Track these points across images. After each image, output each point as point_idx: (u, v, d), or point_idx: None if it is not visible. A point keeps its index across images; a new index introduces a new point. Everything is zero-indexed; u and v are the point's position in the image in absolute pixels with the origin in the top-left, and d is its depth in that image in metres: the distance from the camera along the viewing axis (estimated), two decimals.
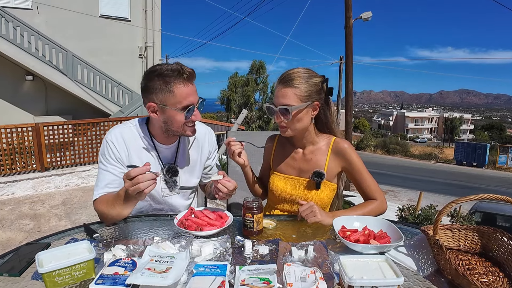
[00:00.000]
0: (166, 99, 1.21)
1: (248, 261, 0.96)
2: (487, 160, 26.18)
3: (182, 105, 1.21)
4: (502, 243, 0.97)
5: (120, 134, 1.31)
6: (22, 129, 6.03)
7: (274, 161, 1.50)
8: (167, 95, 1.20)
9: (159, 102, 1.22)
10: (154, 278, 0.80)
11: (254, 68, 33.60)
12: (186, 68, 1.21)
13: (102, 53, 10.15)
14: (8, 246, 3.86)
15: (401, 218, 5.05)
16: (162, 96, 1.21)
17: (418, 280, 0.88)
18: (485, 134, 59.44)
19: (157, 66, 1.24)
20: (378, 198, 1.35)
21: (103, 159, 1.30)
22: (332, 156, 1.39)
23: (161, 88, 1.20)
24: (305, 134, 1.38)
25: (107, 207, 1.19)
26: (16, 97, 9.46)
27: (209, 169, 1.57)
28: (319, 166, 1.37)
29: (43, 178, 6.14)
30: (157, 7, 11.43)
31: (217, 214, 1.20)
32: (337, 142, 1.39)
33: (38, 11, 9.49)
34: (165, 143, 1.38)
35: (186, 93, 1.21)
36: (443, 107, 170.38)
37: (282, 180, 1.44)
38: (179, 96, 1.20)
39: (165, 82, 1.19)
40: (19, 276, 0.88)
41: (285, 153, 1.47)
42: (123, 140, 1.31)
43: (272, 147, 1.52)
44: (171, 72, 1.19)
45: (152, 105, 1.24)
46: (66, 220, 4.75)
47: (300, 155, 1.43)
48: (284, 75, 1.32)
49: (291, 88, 1.28)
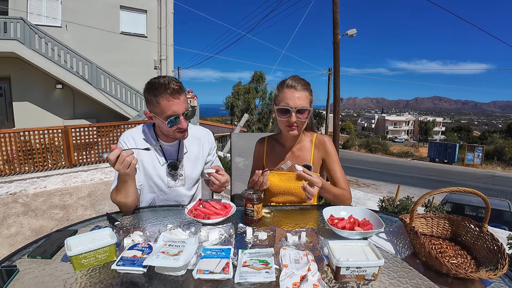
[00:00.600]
0: (154, 109, 1.25)
1: (249, 245, 0.96)
2: (456, 158, 26.19)
3: (166, 115, 1.23)
4: (470, 229, 0.97)
5: (131, 135, 1.36)
6: (53, 131, 6.03)
7: (267, 161, 1.49)
8: (155, 106, 1.24)
9: (150, 110, 1.28)
10: (168, 260, 0.80)
11: (255, 78, 33.54)
12: (172, 83, 1.22)
13: (122, 65, 10.16)
14: (41, 233, 3.86)
15: (382, 208, 5.04)
16: (152, 107, 1.26)
17: (397, 261, 0.89)
18: (455, 135, 59.32)
19: (152, 79, 1.25)
20: (346, 189, 1.34)
21: None
22: (315, 150, 1.40)
23: (151, 100, 1.24)
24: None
25: (116, 195, 1.20)
26: (47, 103, 9.48)
27: (211, 164, 1.58)
28: (306, 160, 1.38)
29: (71, 173, 6.13)
30: (170, 25, 11.43)
31: (222, 205, 1.20)
32: (318, 137, 1.41)
33: (67, 29, 9.51)
34: (167, 142, 1.40)
35: (169, 106, 1.22)
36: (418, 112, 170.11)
37: (275, 176, 1.43)
38: (164, 107, 1.22)
39: (154, 95, 1.22)
40: (50, 258, 0.88)
41: (275, 152, 1.46)
42: (133, 140, 1.34)
43: (263, 148, 1.50)
44: (159, 85, 1.21)
45: (147, 112, 1.30)
46: (91, 210, 4.74)
47: (289, 153, 1.43)
48: (291, 81, 1.30)
49: (304, 91, 1.28)
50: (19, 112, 9.10)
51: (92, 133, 6.57)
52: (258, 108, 33.60)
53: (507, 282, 0.79)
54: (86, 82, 8.97)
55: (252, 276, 0.78)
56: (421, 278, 0.80)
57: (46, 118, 9.22)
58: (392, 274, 0.82)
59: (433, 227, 1.07)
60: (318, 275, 0.76)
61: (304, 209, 1.30)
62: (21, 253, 0.91)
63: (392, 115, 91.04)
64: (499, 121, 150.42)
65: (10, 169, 5.61)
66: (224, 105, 36.19)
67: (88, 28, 9.44)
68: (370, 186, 15.44)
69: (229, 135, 7.86)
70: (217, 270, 0.79)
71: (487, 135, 52.38)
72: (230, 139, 2.05)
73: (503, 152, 29.24)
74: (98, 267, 0.85)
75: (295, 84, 1.28)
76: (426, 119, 72.72)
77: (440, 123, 76.87)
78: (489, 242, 0.88)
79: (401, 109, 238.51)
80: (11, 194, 5.42)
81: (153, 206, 1.35)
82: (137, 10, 10.81)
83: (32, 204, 4.95)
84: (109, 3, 10.12)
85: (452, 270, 0.76)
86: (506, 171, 23.90)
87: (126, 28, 10.61)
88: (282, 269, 0.79)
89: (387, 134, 71.25)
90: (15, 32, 7.90)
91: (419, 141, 60.76)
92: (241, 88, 34.30)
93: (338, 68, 9.52)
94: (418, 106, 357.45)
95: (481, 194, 0.89)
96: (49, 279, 0.79)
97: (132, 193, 1.20)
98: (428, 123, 65.93)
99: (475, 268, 0.86)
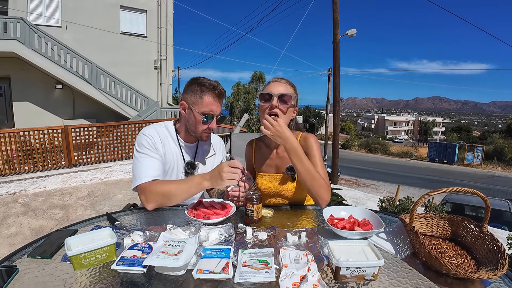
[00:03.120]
0: (195, 102, 1.29)
1: (249, 245, 0.96)
2: (456, 158, 26.21)
3: (204, 111, 1.28)
4: (469, 229, 0.97)
5: (156, 131, 1.37)
6: (53, 131, 6.03)
7: (256, 163, 1.49)
8: (197, 99, 1.29)
9: (190, 102, 1.31)
10: (168, 260, 0.80)
11: (255, 78, 33.57)
12: (220, 87, 1.31)
13: (122, 65, 10.16)
14: (40, 232, 3.86)
15: (382, 208, 5.04)
16: (193, 99, 1.30)
17: (397, 262, 0.88)
18: (455, 135, 59.36)
19: (201, 78, 1.32)
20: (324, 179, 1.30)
21: (143, 149, 1.29)
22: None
23: (195, 93, 1.29)
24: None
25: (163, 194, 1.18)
26: (47, 103, 9.48)
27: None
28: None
29: (71, 173, 6.13)
30: (170, 25, 11.44)
31: (222, 205, 1.20)
32: (303, 136, 1.38)
33: (67, 29, 9.51)
34: (187, 141, 1.43)
35: (211, 103, 1.29)
36: (418, 112, 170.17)
37: (265, 179, 1.42)
38: (205, 103, 1.28)
39: (201, 90, 1.29)
40: (50, 258, 0.88)
41: (262, 154, 1.46)
42: (158, 136, 1.35)
43: (251, 151, 1.50)
44: (208, 85, 1.29)
45: (184, 103, 1.33)
46: (91, 210, 4.74)
47: (275, 154, 1.42)
48: (278, 77, 1.36)
49: (286, 85, 1.33)
50: (19, 112, 9.10)
51: (92, 133, 6.57)
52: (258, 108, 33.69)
53: (507, 282, 0.79)
54: (86, 82, 8.96)
55: (252, 276, 0.78)
56: (421, 278, 0.80)
57: (46, 118, 9.21)
58: (392, 274, 0.82)
59: (433, 227, 1.06)
60: (318, 275, 0.76)
61: (304, 209, 1.30)
62: (21, 253, 0.91)
63: (392, 115, 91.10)
64: (499, 121, 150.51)
65: (10, 169, 5.61)
66: (224, 106, 36.25)
67: (88, 28, 9.44)
68: (370, 186, 15.44)
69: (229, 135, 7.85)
70: (217, 270, 0.79)
71: (487, 135, 52.43)
72: (230, 139, 2.05)
73: (503, 152, 29.27)
74: (98, 267, 0.85)
75: (279, 79, 1.34)
76: (426, 119, 72.79)
77: (440, 123, 76.91)
78: (489, 242, 0.88)
79: (401, 109, 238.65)
80: (11, 194, 5.41)
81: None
82: (137, 10, 10.80)
83: (32, 204, 4.94)
84: (109, 3, 10.12)
85: (452, 270, 0.76)
86: (506, 171, 23.92)
87: (126, 28, 10.61)
88: (282, 269, 0.79)
89: (387, 134, 71.28)
90: (15, 32, 7.90)
91: (419, 141, 60.77)
92: (241, 88, 34.30)
93: (338, 68, 9.53)
94: (418, 106, 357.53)
95: (481, 194, 0.89)
96: (49, 279, 0.79)
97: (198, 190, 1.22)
98: (428, 123, 65.98)
99: (475, 268, 0.86)
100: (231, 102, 34.73)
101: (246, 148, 1.54)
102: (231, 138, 1.99)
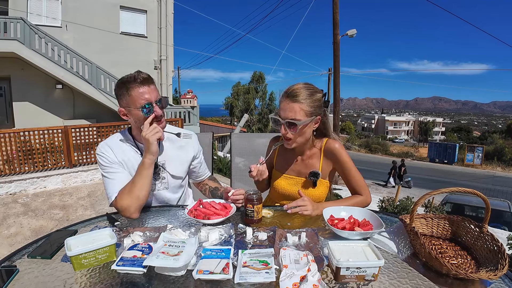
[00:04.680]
0: (128, 102, 1.24)
1: (249, 245, 0.96)
2: (456, 158, 26.18)
3: (139, 104, 1.22)
4: (470, 230, 0.97)
5: (106, 145, 1.32)
6: (53, 131, 6.02)
7: (277, 161, 1.47)
8: (128, 98, 1.23)
9: (124, 105, 1.26)
10: (168, 261, 0.80)
11: (254, 78, 33.54)
12: (141, 74, 1.24)
13: (122, 65, 10.13)
14: (40, 233, 3.86)
15: (382, 208, 5.04)
16: (125, 100, 1.25)
17: (397, 262, 0.89)
18: (455, 135, 59.30)
19: (124, 76, 1.26)
20: (363, 194, 1.32)
21: (103, 168, 1.29)
22: (324, 158, 1.36)
23: (123, 94, 1.24)
24: (305, 143, 1.35)
25: (129, 192, 1.19)
26: (47, 103, 9.48)
27: (199, 167, 1.55)
28: (315, 167, 1.35)
29: (71, 173, 6.13)
30: (170, 25, 11.44)
31: (222, 205, 1.20)
32: (328, 143, 1.35)
33: (67, 29, 9.51)
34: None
35: (141, 94, 1.22)
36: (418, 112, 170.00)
37: (283, 179, 1.42)
38: (136, 97, 1.22)
39: (126, 88, 1.23)
40: (50, 258, 0.88)
41: (286, 156, 1.44)
42: (110, 149, 1.31)
43: (275, 150, 1.47)
44: (129, 78, 1.23)
45: (121, 110, 1.28)
46: (91, 210, 4.74)
47: (299, 160, 1.41)
48: (290, 90, 1.24)
49: (298, 103, 1.22)
50: (19, 112, 9.10)
51: (92, 133, 6.57)
52: (258, 108, 33.59)
53: (507, 283, 0.79)
54: (86, 82, 8.97)
55: (252, 276, 0.78)
56: (421, 278, 0.80)
57: (46, 118, 9.21)
58: (392, 275, 0.82)
59: (433, 227, 1.06)
60: (318, 275, 0.76)
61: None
62: (21, 253, 0.91)
63: (392, 116, 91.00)
64: (499, 121, 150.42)
65: (10, 169, 5.60)
66: (224, 106, 36.17)
67: (88, 28, 9.44)
68: (370, 186, 15.44)
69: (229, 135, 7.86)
70: (217, 271, 0.79)
71: (487, 135, 52.39)
72: (230, 140, 2.05)
73: (503, 153, 29.26)
74: (98, 267, 0.85)
75: (289, 94, 1.24)
76: (426, 120, 72.73)
77: (440, 124, 76.84)
78: (489, 242, 0.88)
79: (401, 110, 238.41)
80: (11, 194, 5.41)
81: (153, 206, 1.34)
82: (137, 10, 10.80)
83: (32, 204, 4.94)
84: (109, 3, 10.12)
85: (452, 271, 0.76)
86: (506, 172, 23.90)
87: (126, 28, 10.61)
88: (282, 270, 0.79)
89: (387, 135, 71.22)
90: (15, 32, 7.90)
91: (419, 142, 60.74)
92: (241, 89, 34.30)
93: (338, 68, 9.53)
94: (418, 106, 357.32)
95: (481, 195, 0.89)
96: (49, 279, 0.79)
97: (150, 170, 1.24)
98: (428, 124, 65.93)
99: (475, 268, 0.86)
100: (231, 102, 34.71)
101: (270, 142, 1.50)
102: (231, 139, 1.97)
